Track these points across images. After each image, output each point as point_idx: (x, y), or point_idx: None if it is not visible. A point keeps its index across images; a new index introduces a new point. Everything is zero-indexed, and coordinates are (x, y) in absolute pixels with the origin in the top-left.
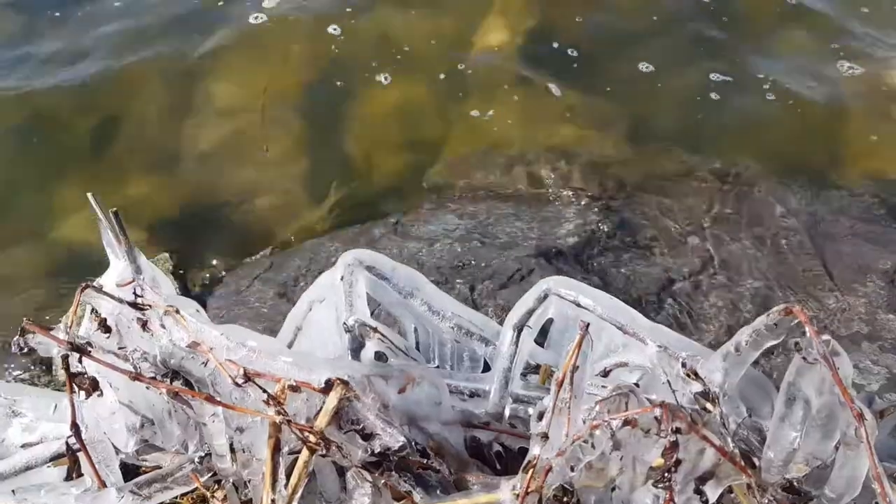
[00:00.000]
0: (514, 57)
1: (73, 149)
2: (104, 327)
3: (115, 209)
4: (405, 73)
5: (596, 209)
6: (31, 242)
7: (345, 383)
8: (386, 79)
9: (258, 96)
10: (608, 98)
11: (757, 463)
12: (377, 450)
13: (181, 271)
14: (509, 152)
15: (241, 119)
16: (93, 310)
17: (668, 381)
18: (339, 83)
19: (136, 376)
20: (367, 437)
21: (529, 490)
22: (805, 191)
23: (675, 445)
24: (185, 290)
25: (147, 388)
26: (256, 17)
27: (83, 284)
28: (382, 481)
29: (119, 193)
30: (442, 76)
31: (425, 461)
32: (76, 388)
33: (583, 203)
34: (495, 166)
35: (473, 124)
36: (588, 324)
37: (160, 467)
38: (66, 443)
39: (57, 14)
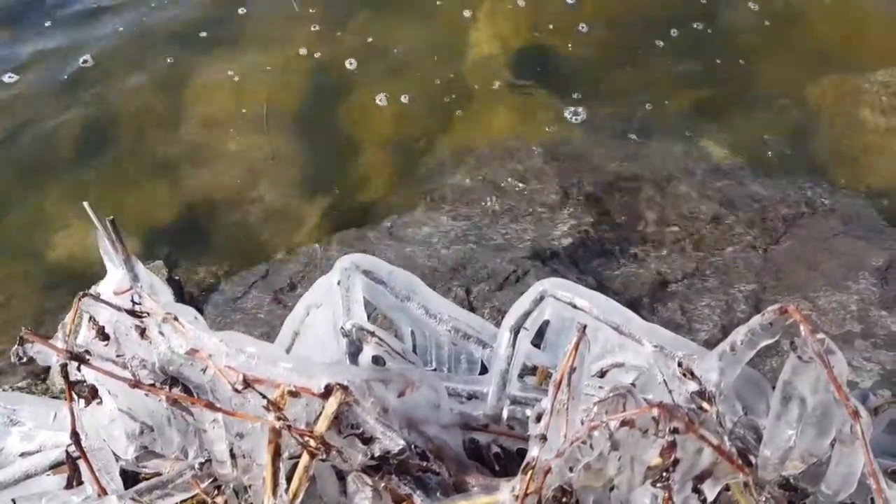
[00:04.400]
0: (507, 62)
1: (67, 156)
2: (102, 335)
3: (111, 217)
4: (400, 80)
5: (590, 211)
6: (25, 252)
7: (344, 388)
8: (381, 86)
9: (255, 106)
10: (601, 101)
11: (754, 461)
12: (377, 453)
13: (177, 279)
14: (503, 155)
15: (238, 128)
16: (91, 318)
17: (665, 380)
18: (333, 91)
19: (135, 383)
20: (367, 441)
21: (529, 491)
22: (798, 190)
23: (672, 445)
24: (180, 298)
25: (146, 395)
26: (253, 27)
27: (81, 293)
28: (382, 485)
29: (113, 201)
30: (436, 82)
31: (425, 464)
32: (75, 396)
33: (577, 205)
34: (489, 169)
35: (467, 128)
36: (585, 325)
37: (160, 474)
38: (66, 451)
39: (48, 20)
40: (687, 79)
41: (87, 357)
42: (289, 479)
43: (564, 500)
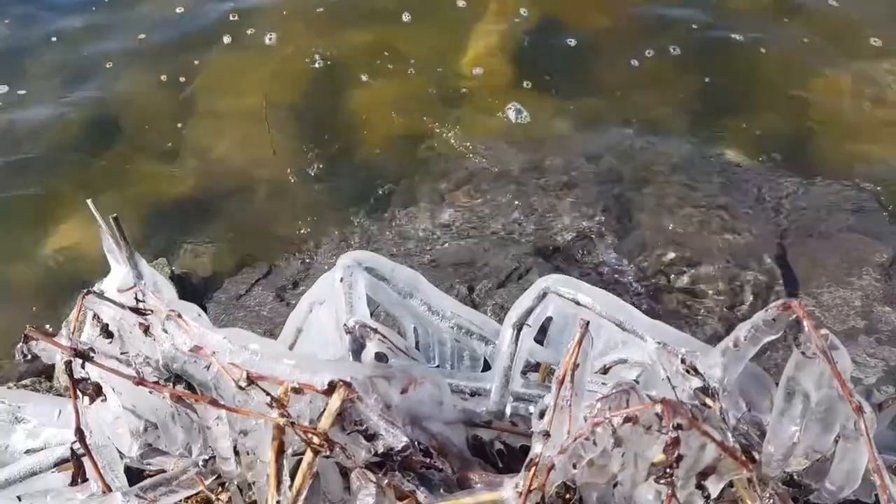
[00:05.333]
0: (510, 56)
1: (70, 155)
2: (106, 333)
3: (115, 215)
4: (402, 75)
5: (592, 206)
6: (27, 250)
7: (347, 385)
8: (382, 81)
9: (257, 102)
10: (604, 95)
11: (757, 457)
12: (380, 450)
13: (180, 276)
14: (506, 150)
15: (240, 124)
16: (95, 315)
17: (668, 377)
18: (334, 86)
19: (140, 381)
20: (371, 437)
21: (532, 488)
22: (801, 185)
23: (676, 441)
24: (183, 295)
25: (150, 392)
26: (255, 23)
27: (85, 290)
28: (386, 481)
29: (114, 198)
30: (438, 77)
31: (428, 461)
32: (80, 394)
33: (579, 200)
34: (492, 164)
35: (469, 124)
36: (588, 322)
37: (164, 471)
38: (71, 448)
39: (56, 23)
40: (691, 74)
41: (92, 354)
42: (292, 476)
43: (568, 496)
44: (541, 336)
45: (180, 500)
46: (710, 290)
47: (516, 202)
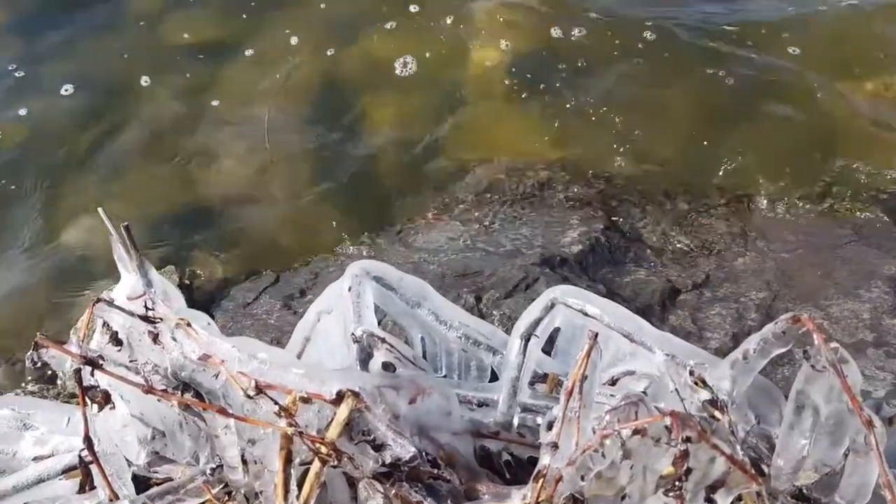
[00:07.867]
0: (513, 70)
1: (77, 161)
2: (116, 340)
3: (126, 223)
4: (405, 88)
5: (600, 217)
6: (34, 254)
7: (356, 394)
8: (386, 93)
9: (265, 112)
10: (611, 111)
11: (767, 470)
12: (388, 460)
13: (187, 284)
14: (512, 162)
15: (247, 134)
16: (104, 323)
17: (677, 389)
18: (340, 98)
19: (148, 389)
20: (378, 447)
21: (540, 499)
22: (808, 197)
23: (685, 454)
24: (191, 303)
25: (158, 400)
26: (259, 35)
27: (95, 298)
28: (393, 492)
29: (125, 205)
30: (442, 90)
31: (436, 471)
32: (89, 402)
33: (587, 211)
34: (498, 175)
35: (475, 135)
36: (597, 333)
37: (172, 479)
38: (79, 455)
39: (66, 21)
40: (697, 85)
41: (101, 362)
42: (300, 486)
43: None
44: (548, 347)
45: None
46: (718, 302)
47: (523, 215)
